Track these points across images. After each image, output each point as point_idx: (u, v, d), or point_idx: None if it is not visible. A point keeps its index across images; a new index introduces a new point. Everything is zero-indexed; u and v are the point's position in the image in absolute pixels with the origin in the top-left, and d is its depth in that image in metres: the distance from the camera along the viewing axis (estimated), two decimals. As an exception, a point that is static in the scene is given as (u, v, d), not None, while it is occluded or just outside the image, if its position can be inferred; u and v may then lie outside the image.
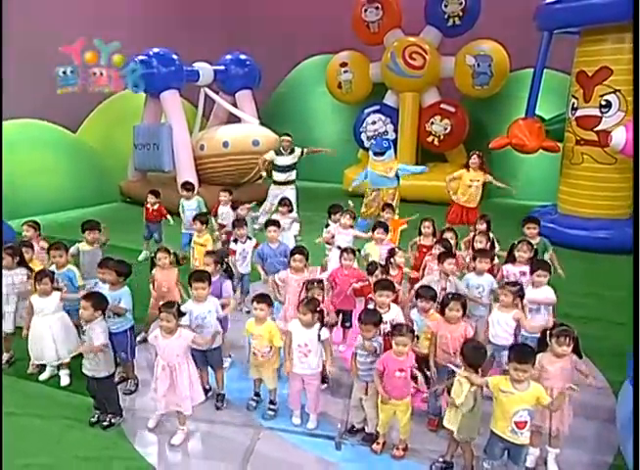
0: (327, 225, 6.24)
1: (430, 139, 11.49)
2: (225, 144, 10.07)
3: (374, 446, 3.85)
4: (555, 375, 3.48)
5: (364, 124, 11.95)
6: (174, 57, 10.22)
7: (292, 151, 8.62)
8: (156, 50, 10.16)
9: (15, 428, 3.98)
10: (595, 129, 8.23)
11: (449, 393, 3.49)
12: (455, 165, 10.45)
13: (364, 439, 3.94)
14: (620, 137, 7.35)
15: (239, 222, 5.83)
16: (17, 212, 8.85)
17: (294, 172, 8.71)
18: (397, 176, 8.27)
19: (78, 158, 11.04)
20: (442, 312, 3.95)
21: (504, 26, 11.11)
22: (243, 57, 11.53)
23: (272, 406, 4.26)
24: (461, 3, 10.93)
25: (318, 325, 3.94)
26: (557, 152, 8.97)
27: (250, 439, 3.95)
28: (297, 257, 4.71)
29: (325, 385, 4.46)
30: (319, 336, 3.92)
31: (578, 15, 7.87)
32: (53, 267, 4.85)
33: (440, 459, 3.71)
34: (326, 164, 13.13)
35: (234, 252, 5.73)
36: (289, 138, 8.70)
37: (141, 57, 9.95)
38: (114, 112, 12.05)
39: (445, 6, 11.03)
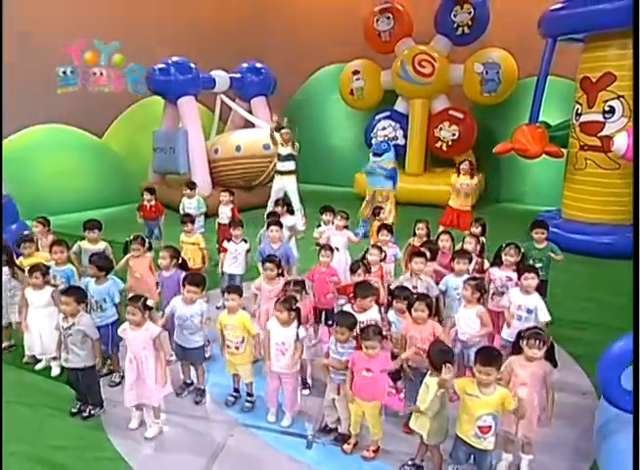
0: (319, 225, 6.04)
1: (438, 144, 11.20)
2: (238, 148, 10.01)
3: (344, 446, 3.64)
4: (525, 380, 3.22)
5: (374, 130, 11.73)
6: (191, 65, 10.20)
7: (293, 144, 8.62)
8: (175, 58, 10.17)
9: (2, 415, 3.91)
10: (598, 135, 7.85)
11: None
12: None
13: (336, 438, 3.74)
14: (622, 142, 6.96)
15: (235, 223, 5.66)
16: (44, 211, 8.81)
17: (292, 163, 8.65)
18: (394, 181, 8.08)
19: (103, 161, 11.11)
20: (410, 313, 3.73)
21: (514, 35, 10.78)
22: (258, 65, 11.47)
23: (250, 399, 4.11)
24: (470, 12, 10.64)
25: (296, 324, 3.77)
26: (560, 157, 8.60)
27: (222, 435, 3.80)
28: (267, 265, 4.40)
29: (307, 391, 4.27)
30: (297, 335, 3.75)
31: (582, 21, 7.53)
32: (52, 264, 4.79)
33: (410, 462, 3.48)
34: (338, 168, 13.00)
35: (225, 249, 5.57)
36: (287, 130, 8.62)
37: (160, 65, 9.97)
38: (136, 118, 12.10)
39: (454, 15, 10.75)
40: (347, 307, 3.98)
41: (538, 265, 5.37)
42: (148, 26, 12.54)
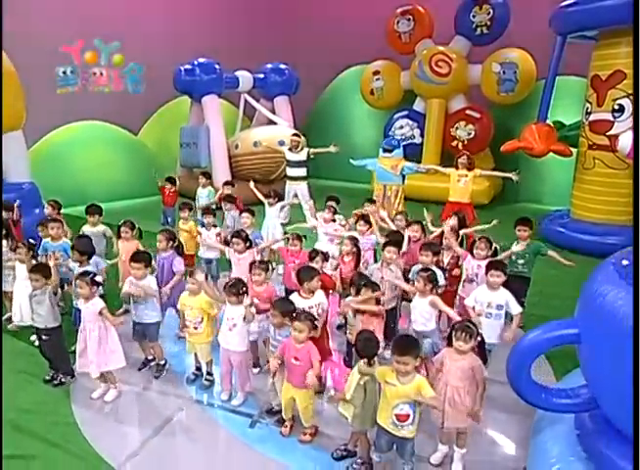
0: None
1: (454, 143, 10.83)
2: (255, 144, 10.05)
3: (282, 428, 3.58)
4: (451, 371, 3.05)
5: (392, 129, 11.49)
6: (216, 66, 10.32)
7: (302, 149, 8.42)
8: (201, 60, 10.32)
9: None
10: (607, 134, 7.36)
11: None
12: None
13: (279, 420, 3.67)
14: (627, 141, 6.48)
15: (207, 210, 5.72)
16: (83, 199, 9.27)
17: (304, 169, 8.46)
18: (403, 175, 7.93)
19: (136, 156, 11.45)
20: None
21: (534, 35, 10.25)
22: (282, 66, 11.47)
23: (209, 377, 4.11)
24: (489, 13, 10.24)
25: (246, 303, 3.72)
26: (568, 156, 8.14)
27: (173, 409, 3.81)
28: (234, 239, 4.75)
29: (257, 369, 4.23)
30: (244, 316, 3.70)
31: (590, 17, 7.04)
32: (48, 239, 4.99)
33: (342, 447, 3.38)
34: (359, 166, 12.80)
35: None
36: (296, 137, 8.52)
37: (186, 66, 10.15)
38: (168, 117, 12.35)
39: (474, 16, 10.37)
40: (294, 295, 3.87)
41: (520, 261, 5.13)
42: (148, 26, 12.32)
